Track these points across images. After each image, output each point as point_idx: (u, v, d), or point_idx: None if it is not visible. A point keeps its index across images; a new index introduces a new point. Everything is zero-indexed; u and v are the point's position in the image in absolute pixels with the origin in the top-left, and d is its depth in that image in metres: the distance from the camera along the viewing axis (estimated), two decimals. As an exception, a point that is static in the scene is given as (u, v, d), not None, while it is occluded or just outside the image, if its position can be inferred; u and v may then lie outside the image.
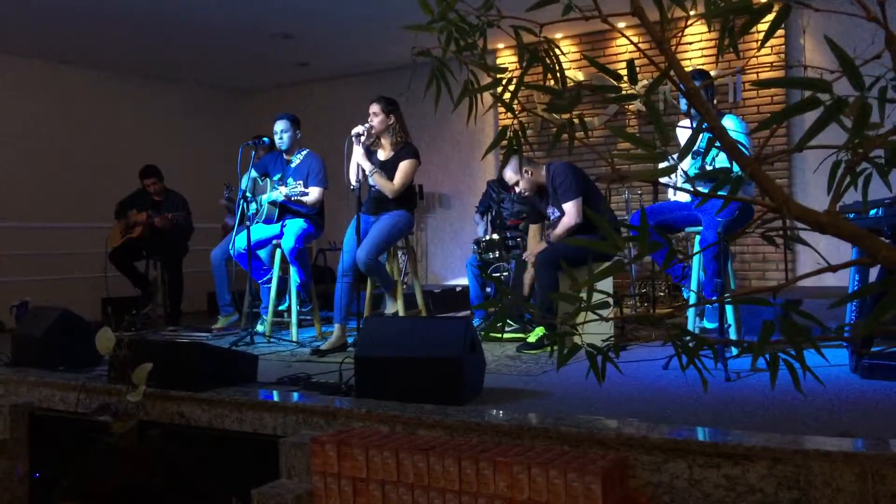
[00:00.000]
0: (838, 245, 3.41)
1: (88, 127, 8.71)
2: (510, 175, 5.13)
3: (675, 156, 1.11)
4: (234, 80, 9.85)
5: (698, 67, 6.40)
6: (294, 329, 5.43)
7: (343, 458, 2.82)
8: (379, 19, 7.44)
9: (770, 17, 1.23)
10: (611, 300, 1.35)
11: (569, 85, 1.19)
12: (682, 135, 4.31)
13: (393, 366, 3.21)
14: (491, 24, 1.41)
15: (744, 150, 1.30)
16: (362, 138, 4.92)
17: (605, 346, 1.25)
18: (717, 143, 1.22)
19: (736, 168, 1.24)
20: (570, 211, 4.83)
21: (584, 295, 1.28)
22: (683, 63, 7.50)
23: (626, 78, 1.39)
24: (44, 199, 8.24)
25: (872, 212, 3.37)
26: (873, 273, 3.72)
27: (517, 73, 1.27)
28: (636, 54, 7.86)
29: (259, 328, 5.63)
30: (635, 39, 7.80)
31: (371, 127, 4.94)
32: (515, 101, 1.21)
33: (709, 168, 3.79)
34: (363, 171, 4.93)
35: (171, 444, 3.36)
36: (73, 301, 6.65)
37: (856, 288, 3.73)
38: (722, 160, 3.94)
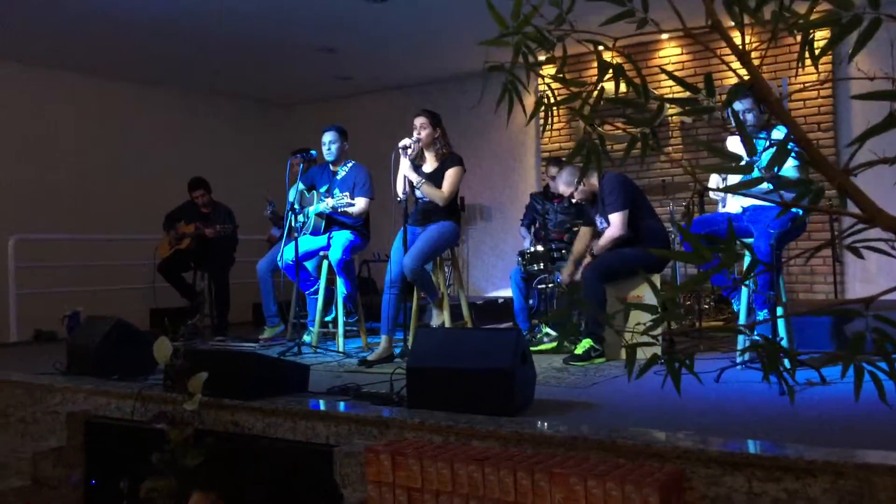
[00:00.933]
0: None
1: (136, 140, 8.92)
2: (563, 188, 5.18)
3: (762, 167, 1.12)
4: (277, 94, 10.00)
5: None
6: (340, 340, 5.48)
7: (398, 467, 2.84)
8: (421, 34, 7.52)
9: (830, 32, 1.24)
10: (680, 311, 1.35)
11: (651, 98, 1.20)
12: (733, 147, 4.29)
13: (445, 376, 3.23)
14: (562, 38, 1.43)
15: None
16: (409, 151, 4.96)
17: (682, 357, 1.25)
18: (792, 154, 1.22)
19: (787, 173, 1.24)
20: (616, 223, 4.84)
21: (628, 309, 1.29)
22: (723, 74, 7.45)
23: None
24: (93, 211, 8.45)
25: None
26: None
27: (591, 85, 1.29)
28: (678, 66, 7.83)
29: (305, 339, 5.68)
30: (678, 51, 7.79)
31: (419, 140, 4.98)
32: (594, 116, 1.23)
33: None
34: (410, 183, 4.97)
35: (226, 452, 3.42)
36: (121, 311, 6.74)
37: (912, 301, 3.67)
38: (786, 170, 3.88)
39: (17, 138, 8.15)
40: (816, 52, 1.16)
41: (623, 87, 1.38)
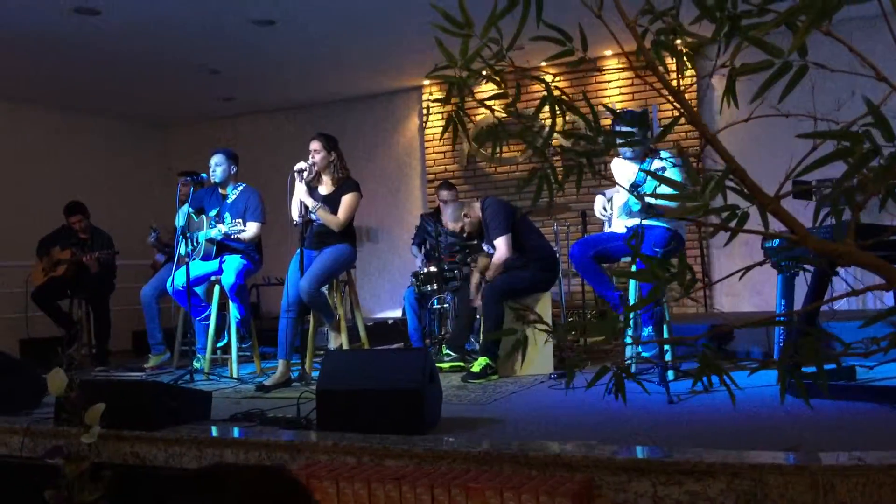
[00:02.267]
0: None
1: (6, 161, 8.41)
2: (452, 225, 5.32)
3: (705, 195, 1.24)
4: (158, 114, 9.72)
5: (629, 109, 6.69)
6: (234, 365, 5.37)
7: (313, 491, 2.84)
8: (307, 58, 7.52)
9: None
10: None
11: (597, 129, 1.31)
12: (618, 170, 4.56)
13: (355, 398, 3.25)
14: (497, 73, 1.52)
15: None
16: (304, 174, 4.96)
17: (626, 368, 1.36)
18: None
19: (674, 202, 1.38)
20: (500, 247, 5.03)
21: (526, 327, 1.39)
22: (603, 100, 7.83)
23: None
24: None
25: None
26: (798, 300, 3.99)
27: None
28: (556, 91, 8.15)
29: (196, 365, 5.54)
30: (560, 78, 8.12)
31: (314, 164, 4.99)
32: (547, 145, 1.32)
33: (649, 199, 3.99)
34: (305, 206, 4.97)
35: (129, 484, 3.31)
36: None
37: (782, 309, 3.98)
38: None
39: None
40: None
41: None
